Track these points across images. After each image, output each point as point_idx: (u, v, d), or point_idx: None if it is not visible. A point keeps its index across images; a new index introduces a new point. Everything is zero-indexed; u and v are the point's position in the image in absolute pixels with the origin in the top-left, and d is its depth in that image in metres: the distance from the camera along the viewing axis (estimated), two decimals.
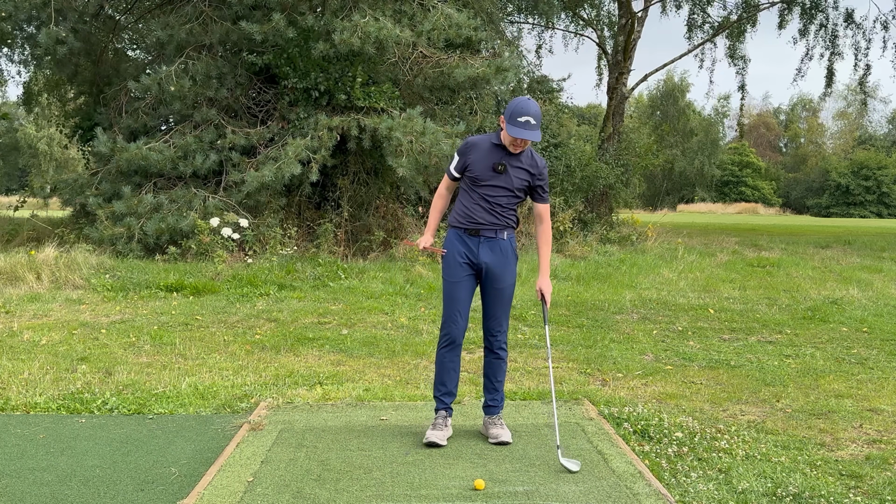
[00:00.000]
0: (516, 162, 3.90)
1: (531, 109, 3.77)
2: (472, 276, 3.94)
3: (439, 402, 4.01)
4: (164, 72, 10.96)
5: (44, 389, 4.83)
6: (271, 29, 10.47)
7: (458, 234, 3.95)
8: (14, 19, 11.42)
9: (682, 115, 53.43)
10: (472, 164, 3.91)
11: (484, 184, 3.87)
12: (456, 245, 3.94)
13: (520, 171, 3.90)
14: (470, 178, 3.92)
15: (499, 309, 3.95)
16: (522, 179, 3.91)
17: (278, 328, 6.93)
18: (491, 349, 4.01)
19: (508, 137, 3.82)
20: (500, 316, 3.96)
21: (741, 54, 22.72)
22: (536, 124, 3.78)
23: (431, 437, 3.87)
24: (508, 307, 3.99)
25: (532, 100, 3.85)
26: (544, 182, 3.98)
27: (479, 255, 3.90)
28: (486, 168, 3.87)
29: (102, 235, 10.54)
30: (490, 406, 4.06)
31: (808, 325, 7.54)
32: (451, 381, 3.99)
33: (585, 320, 7.53)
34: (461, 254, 3.91)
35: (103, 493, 3.31)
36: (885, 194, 53.84)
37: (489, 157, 3.89)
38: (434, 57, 11.60)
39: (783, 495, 3.34)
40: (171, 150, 10.98)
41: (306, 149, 10.83)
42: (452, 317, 3.92)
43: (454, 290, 3.92)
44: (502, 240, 3.93)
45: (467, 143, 3.97)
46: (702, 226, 27.45)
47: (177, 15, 11.36)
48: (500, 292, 3.93)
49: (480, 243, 3.90)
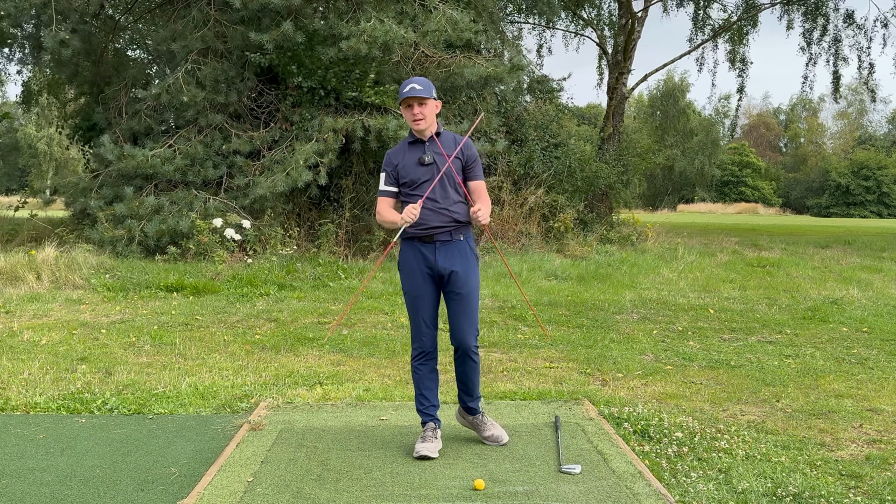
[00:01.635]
0: (439, 148, 3.77)
1: (414, 79, 3.75)
2: (434, 284, 3.79)
3: (424, 416, 3.88)
4: (172, 78, 10.94)
5: (44, 389, 4.83)
6: (280, 35, 10.44)
7: (412, 245, 3.79)
8: (14, 18, 11.41)
9: (682, 115, 53.42)
10: (400, 170, 3.79)
11: (420, 184, 3.73)
12: (411, 256, 3.79)
13: (447, 156, 3.75)
14: (405, 184, 3.78)
15: (465, 314, 3.76)
16: (453, 162, 3.76)
17: (278, 328, 6.94)
18: (465, 355, 3.80)
19: (406, 112, 3.74)
20: (467, 322, 3.76)
21: (742, 57, 22.73)
22: (423, 88, 3.69)
23: (422, 450, 3.72)
24: (476, 311, 3.81)
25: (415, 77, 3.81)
26: (474, 159, 3.83)
27: (438, 262, 3.73)
28: (414, 165, 3.75)
29: (103, 237, 10.55)
30: (471, 407, 3.96)
31: (808, 325, 7.53)
32: (432, 394, 3.87)
33: (585, 320, 7.53)
34: (419, 263, 3.76)
35: (103, 493, 3.31)
36: (885, 194, 53.83)
37: (411, 155, 3.79)
38: (437, 56, 11.60)
39: (783, 495, 3.34)
40: (179, 158, 10.97)
41: (314, 153, 10.82)
42: (420, 329, 3.80)
43: (418, 303, 3.78)
44: (459, 241, 3.76)
45: (388, 155, 3.86)
46: (702, 226, 27.44)
47: (182, 20, 11.33)
48: (463, 297, 3.75)
49: (437, 249, 3.74)
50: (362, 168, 12.14)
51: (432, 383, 3.88)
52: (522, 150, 14.19)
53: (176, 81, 10.86)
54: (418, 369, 3.86)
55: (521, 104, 15.59)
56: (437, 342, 3.87)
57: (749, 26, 22.51)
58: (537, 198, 13.41)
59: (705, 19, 22.15)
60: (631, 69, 19.50)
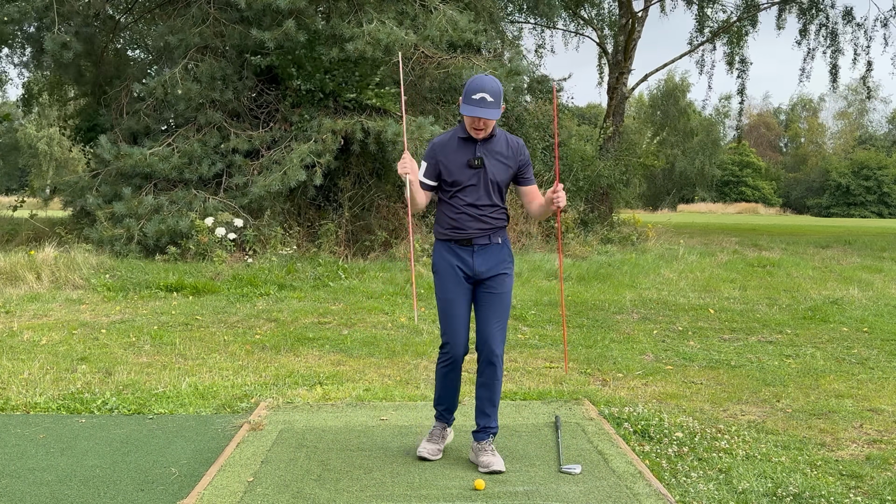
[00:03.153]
0: (492, 151, 3.55)
1: (486, 85, 3.40)
2: (468, 288, 3.62)
3: (440, 416, 3.79)
4: (169, 74, 10.94)
5: (44, 389, 4.83)
6: (282, 34, 10.44)
7: (448, 246, 3.61)
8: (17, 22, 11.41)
9: (682, 115, 53.42)
10: (444, 166, 3.55)
11: (465, 186, 3.53)
12: (447, 258, 3.60)
13: (498, 162, 3.55)
14: (447, 183, 3.57)
15: (497, 316, 3.58)
16: (504, 169, 3.56)
17: (278, 328, 6.93)
18: (487, 364, 3.59)
19: (468, 119, 3.48)
20: (497, 324, 3.58)
21: (741, 57, 22.74)
22: (494, 101, 3.40)
23: (423, 452, 3.68)
24: (507, 314, 3.63)
25: (490, 76, 3.48)
26: (527, 164, 3.63)
27: (475, 266, 3.57)
28: (461, 167, 3.52)
29: (102, 236, 10.55)
30: (481, 431, 3.67)
31: (808, 325, 7.53)
32: (452, 400, 3.75)
33: (586, 320, 7.53)
34: (454, 266, 3.58)
35: (103, 493, 3.31)
36: (885, 194, 53.83)
37: (460, 153, 3.55)
38: (436, 57, 11.60)
39: (783, 495, 3.33)
40: (176, 156, 10.96)
41: (311, 153, 10.82)
42: (452, 335, 3.59)
43: (451, 307, 3.59)
44: (497, 244, 3.60)
45: (433, 145, 3.61)
46: (702, 226, 27.44)
47: (182, 18, 11.34)
48: (498, 298, 3.59)
49: (474, 252, 3.57)
50: (362, 169, 12.15)
51: (455, 391, 3.74)
52: None
53: (172, 76, 10.86)
54: (445, 375, 3.69)
55: (522, 104, 15.59)
56: (467, 349, 3.67)
57: (749, 26, 22.52)
58: None
59: (705, 20, 22.16)
60: (631, 69, 19.52)
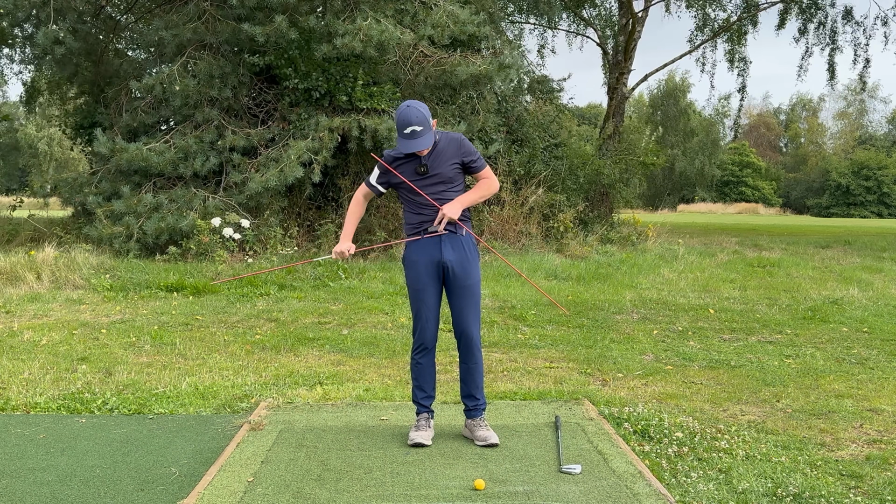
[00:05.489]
0: (436, 155, 3.83)
1: (411, 117, 3.67)
2: (438, 278, 3.89)
3: (420, 406, 4.02)
4: (167, 71, 10.94)
5: (44, 389, 4.83)
6: (273, 30, 10.45)
7: (417, 242, 3.89)
8: (13, 17, 11.40)
9: (682, 116, 53.43)
10: (395, 177, 3.86)
11: (420, 188, 3.82)
12: (416, 251, 3.88)
13: (443, 162, 3.83)
14: (404, 190, 3.88)
15: (468, 306, 3.88)
16: (451, 165, 3.84)
17: (278, 328, 6.94)
18: (466, 350, 3.93)
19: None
20: (470, 313, 3.89)
21: (742, 56, 22.75)
22: (423, 128, 3.69)
23: (417, 437, 3.87)
24: (478, 304, 3.93)
25: (411, 105, 3.71)
26: (470, 153, 3.88)
27: (443, 253, 3.84)
28: (412, 174, 3.83)
29: (101, 234, 10.54)
30: (472, 410, 4.01)
31: (808, 325, 7.53)
32: (429, 385, 4.01)
33: (585, 320, 7.53)
34: (423, 258, 3.85)
35: (103, 493, 3.31)
36: (885, 194, 53.80)
37: (409, 164, 3.84)
38: (435, 56, 11.60)
39: (783, 495, 3.34)
40: (172, 151, 10.97)
41: (308, 150, 10.82)
42: (422, 323, 3.90)
43: (422, 296, 3.88)
44: (462, 236, 3.88)
45: (385, 157, 3.90)
46: (702, 226, 27.44)
47: (179, 14, 11.35)
48: (467, 289, 3.87)
49: (442, 241, 3.85)
50: (360, 167, 12.14)
51: (430, 376, 4.02)
52: (523, 150, 14.19)
53: (170, 73, 10.86)
54: (419, 363, 3.98)
55: (522, 104, 15.58)
56: (437, 337, 3.98)
57: (749, 26, 22.53)
58: (538, 198, 13.41)
59: (705, 19, 22.17)
60: (631, 69, 19.52)
